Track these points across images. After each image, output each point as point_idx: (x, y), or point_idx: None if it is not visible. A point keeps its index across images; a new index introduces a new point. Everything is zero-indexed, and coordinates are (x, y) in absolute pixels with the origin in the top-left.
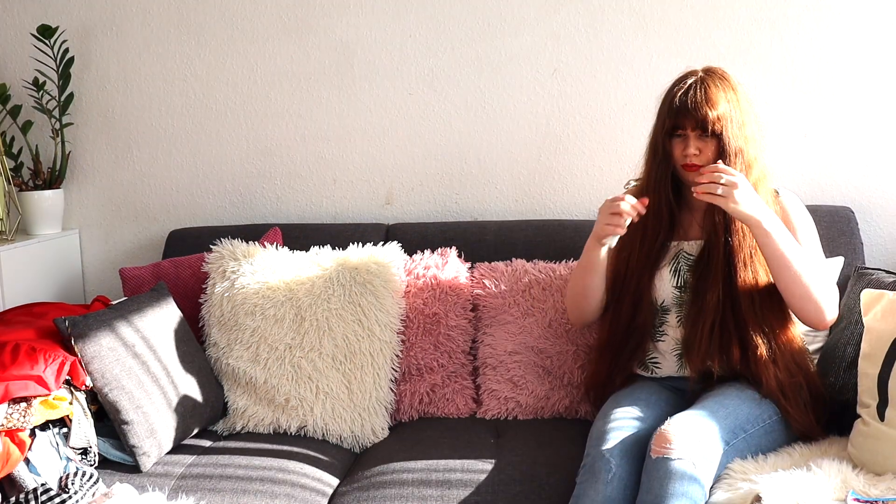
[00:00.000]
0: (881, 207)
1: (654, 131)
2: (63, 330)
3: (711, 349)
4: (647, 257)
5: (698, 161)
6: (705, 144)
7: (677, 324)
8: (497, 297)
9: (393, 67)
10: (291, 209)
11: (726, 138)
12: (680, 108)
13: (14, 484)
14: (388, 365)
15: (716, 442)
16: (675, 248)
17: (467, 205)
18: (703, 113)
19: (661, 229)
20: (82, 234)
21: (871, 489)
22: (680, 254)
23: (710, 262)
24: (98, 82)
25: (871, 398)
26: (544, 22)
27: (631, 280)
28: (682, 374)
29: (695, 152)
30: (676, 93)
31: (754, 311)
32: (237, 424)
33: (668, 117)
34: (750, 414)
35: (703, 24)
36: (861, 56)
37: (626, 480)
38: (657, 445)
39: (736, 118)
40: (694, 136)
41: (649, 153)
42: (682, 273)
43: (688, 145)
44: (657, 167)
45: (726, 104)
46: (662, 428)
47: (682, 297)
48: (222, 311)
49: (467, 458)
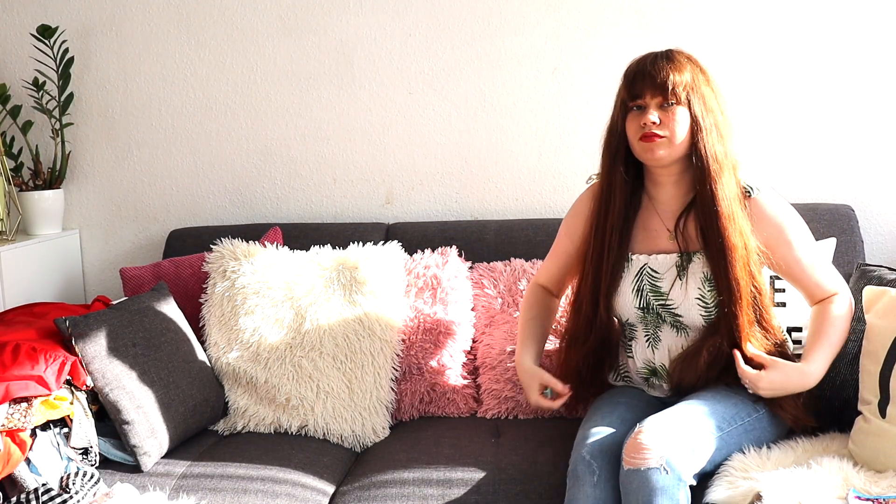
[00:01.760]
0: (881, 205)
1: (611, 116)
2: (64, 330)
3: (693, 370)
4: (605, 273)
5: (660, 131)
6: (667, 115)
7: (645, 342)
8: (496, 296)
9: (393, 67)
10: (291, 209)
11: (696, 107)
12: (638, 72)
13: (15, 484)
14: (389, 364)
15: (691, 444)
16: (637, 262)
17: (467, 204)
18: (665, 74)
19: (616, 236)
20: (83, 234)
21: (873, 487)
22: (644, 270)
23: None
24: (98, 82)
25: (872, 395)
26: (544, 21)
27: (591, 297)
28: (650, 395)
29: (654, 120)
30: (634, 62)
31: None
32: (238, 424)
33: (624, 88)
34: (727, 412)
35: (703, 24)
36: (861, 54)
37: (612, 482)
38: (629, 455)
39: (705, 93)
40: (654, 104)
41: (604, 141)
42: (645, 293)
43: (646, 114)
44: (612, 155)
45: (692, 76)
46: (634, 436)
47: (647, 318)
48: (223, 310)
49: (468, 457)
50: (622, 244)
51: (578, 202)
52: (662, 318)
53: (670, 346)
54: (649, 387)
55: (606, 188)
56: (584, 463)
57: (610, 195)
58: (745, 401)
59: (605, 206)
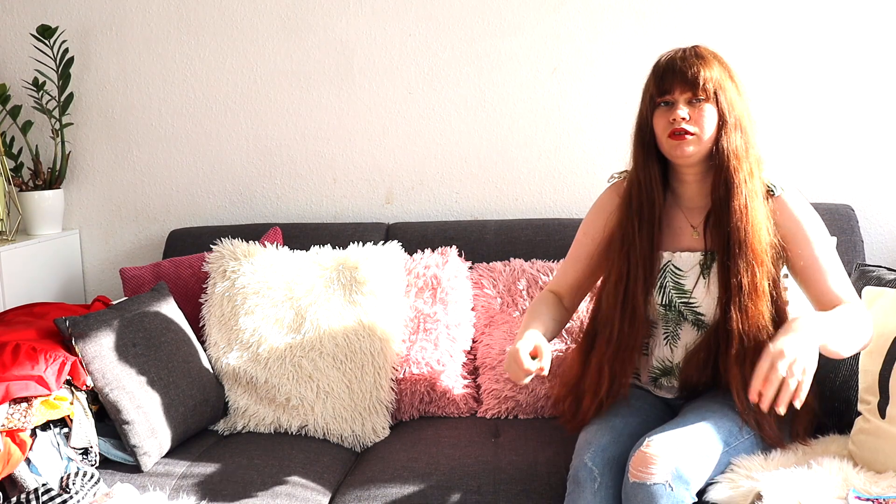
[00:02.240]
0: (881, 205)
1: (639, 111)
2: (64, 330)
3: (706, 371)
4: (641, 269)
5: (689, 127)
6: (696, 112)
7: (664, 340)
8: (496, 296)
9: (393, 67)
10: (291, 209)
11: (723, 104)
12: (667, 68)
13: (15, 484)
14: (389, 364)
15: (697, 459)
16: (661, 259)
17: (467, 204)
18: (695, 71)
19: (647, 231)
20: (82, 234)
21: (873, 487)
22: (667, 267)
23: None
24: (98, 82)
25: (871, 395)
26: (544, 21)
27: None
28: (656, 395)
29: (684, 116)
30: (663, 57)
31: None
32: (238, 424)
33: (653, 84)
34: (733, 426)
35: (703, 24)
36: (861, 55)
37: (613, 490)
38: (635, 468)
39: (730, 89)
40: (683, 100)
41: (635, 136)
42: (668, 290)
43: (674, 111)
44: (645, 150)
45: (720, 71)
46: (641, 449)
47: (669, 315)
48: (223, 310)
49: (468, 457)
50: (653, 240)
51: (601, 200)
52: (684, 315)
53: (688, 343)
54: (656, 387)
55: (639, 183)
56: (585, 469)
57: (642, 190)
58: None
59: (637, 201)
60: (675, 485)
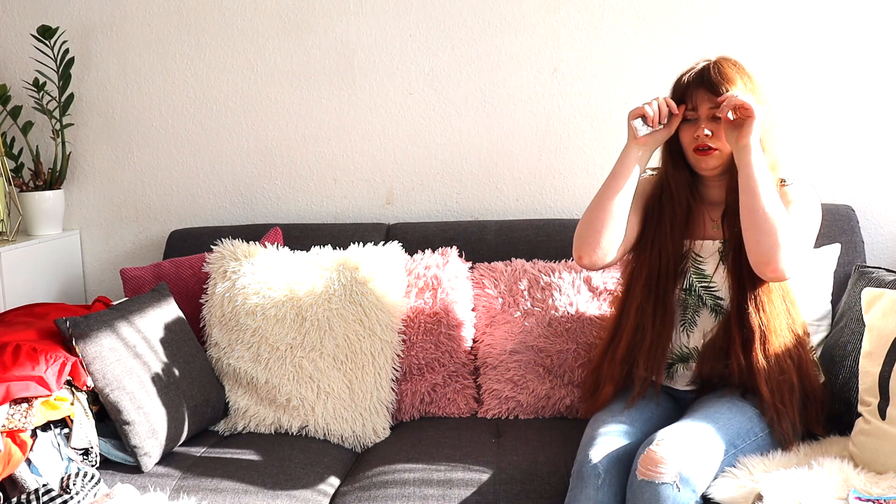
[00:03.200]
0: (882, 206)
1: None
2: (64, 330)
3: (721, 359)
4: (672, 256)
5: (713, 143)
6: (719, 128)
7: (681, 327)
8: (497, 296)
9: (393, 67)
10: (292, 209)
11: None
12: (691, 83)
13: (16, 484)
14: (389, 364)
15: (705, 461)
16: (686, 247)
17: (468, 204)
18: (718, 90)
19: (682, 235)
20: (83, 234)
21: (873, 488)
22: (688, 254)
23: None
24: (98, 82)
25: (871, 397)
26: (544, 21)
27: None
28: (668, 385)
29: (707, 133)
30: (687, 73)
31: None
32: (238, 424)
33: (675, 97)
34: (741, 428)
35: (703, 24)
36: (861, 55)
37: (616, 487)
38: (644, 467)
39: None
40: (706, 116)
41: (664, 146)
42: (689, 276)
43: (699, 126)
44: (674, 159)
45: (742, 84)
46: (651, 448)
47: (688, 301)
48: (223, 311)
49: (468, 457)
50: (682, 242)
51: (639, 186)
52: (704, 301)
53: (705, 330)
54: (669, 376)
55: (670, 188)
56: (590, 465)
57: (673, 195)
58: (760, 415)
59: (670, 207)
60: (682, 486)
